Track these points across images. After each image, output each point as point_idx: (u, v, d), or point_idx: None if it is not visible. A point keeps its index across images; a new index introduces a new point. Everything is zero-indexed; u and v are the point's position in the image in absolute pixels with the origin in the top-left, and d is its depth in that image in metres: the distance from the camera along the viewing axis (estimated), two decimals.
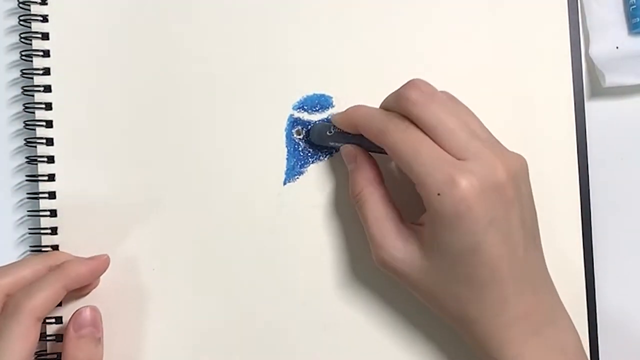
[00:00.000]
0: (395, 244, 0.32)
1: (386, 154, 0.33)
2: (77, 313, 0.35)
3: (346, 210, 0.38)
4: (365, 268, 0.38)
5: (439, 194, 0.30)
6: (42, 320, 0.33)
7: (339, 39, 0.38)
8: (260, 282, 0.38)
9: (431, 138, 0.31)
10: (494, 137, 0.33)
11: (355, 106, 0.35)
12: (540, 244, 0.33)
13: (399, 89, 0.33)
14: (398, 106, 0.32)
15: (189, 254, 0.38)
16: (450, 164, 0.30)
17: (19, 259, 0.38)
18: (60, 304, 0.37)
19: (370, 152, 0.35)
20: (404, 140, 0.31)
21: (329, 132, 0.36)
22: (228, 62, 0.38)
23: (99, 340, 0.35)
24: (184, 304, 0.38)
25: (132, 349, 0.37)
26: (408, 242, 0.32)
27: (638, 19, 0.39)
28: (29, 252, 0.38)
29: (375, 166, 0.35)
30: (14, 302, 0.32)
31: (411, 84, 0.32)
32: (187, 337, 0.38)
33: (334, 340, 0.38)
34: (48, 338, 0.37)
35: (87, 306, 0.36)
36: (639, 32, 0.39)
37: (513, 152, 0.32)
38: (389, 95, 0.34)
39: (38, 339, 0.33)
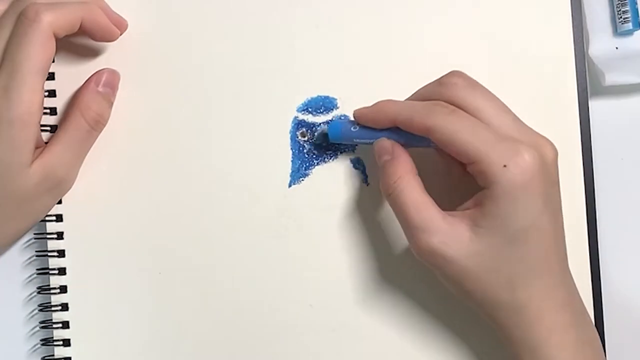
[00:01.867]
0: (442, 227, 0.31)
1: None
2: (99, 72, 0.37)
3: (351, 212, 0.38)
4: (371, 269, 0.38)
5: (505, 166, 0.29)
6: (55, 40, 0.33)
7: (343, 41, 0.38)
8: (265, 285, 0.38)
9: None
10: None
11: (383, 101, 0.34)
12: None
13: (441, 78, 0.33)
14: (441, 92, 0.32)
15: (195, 257, 0.38)
16: (510, 140, 0.30)
17: (25, 262, 0.39)
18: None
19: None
20: (456, 121, 0.31)
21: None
22: (232, 65, 0.38)
23: (111, 104, 0.37)
24: (190, 307, 0.38)
25: (141, 350, 0.38)
26: (455, 225, 0.31)
27: (638, 19, 0.39)
28: (34, 257, 0.38)
29: (410, 158, 0.34)
30: (36, 9, 0.33)
31: (454, 72, 0.33)
32: (192, 339, 0.38)
33: (340, 343, 0.38)
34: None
35: (107, 69, 0.37)
36: (638, 31, 0.40)
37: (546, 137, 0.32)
38: (425, 86, 0.34)
39: (53, 54, 0.33)
